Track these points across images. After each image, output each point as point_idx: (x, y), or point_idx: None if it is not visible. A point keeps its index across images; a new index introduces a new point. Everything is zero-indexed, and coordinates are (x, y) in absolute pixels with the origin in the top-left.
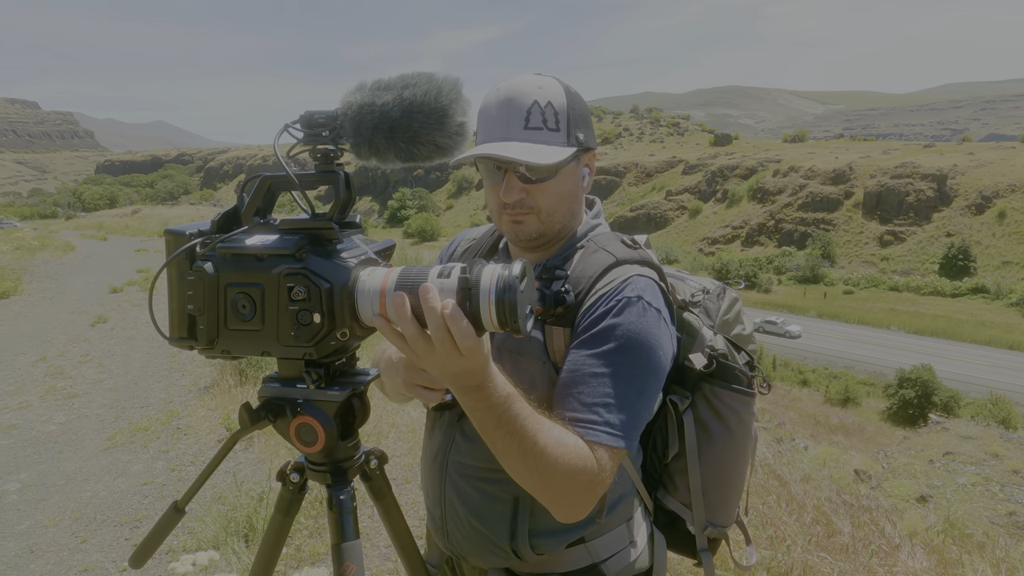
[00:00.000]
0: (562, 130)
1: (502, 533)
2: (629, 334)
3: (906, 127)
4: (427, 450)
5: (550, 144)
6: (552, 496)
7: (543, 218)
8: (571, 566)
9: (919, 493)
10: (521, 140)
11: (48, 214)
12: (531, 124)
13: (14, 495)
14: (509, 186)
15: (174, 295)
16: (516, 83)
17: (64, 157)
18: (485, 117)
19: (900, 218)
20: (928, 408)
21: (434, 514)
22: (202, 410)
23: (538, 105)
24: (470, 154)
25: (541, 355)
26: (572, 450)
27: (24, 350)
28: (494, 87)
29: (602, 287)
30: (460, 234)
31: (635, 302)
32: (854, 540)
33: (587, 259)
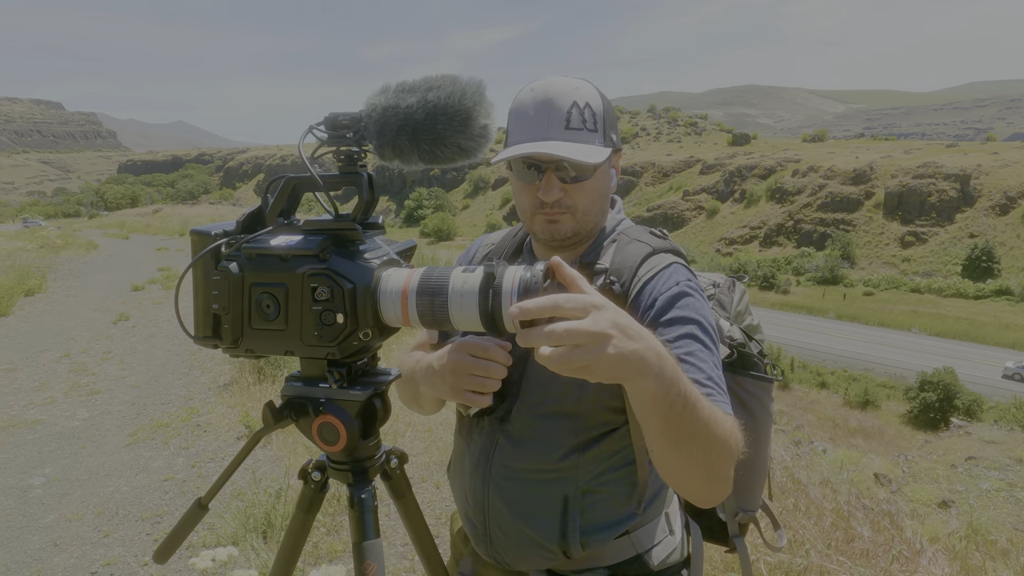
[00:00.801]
0: (599, 131)
1: (552, 533)
2: (696, 316)
3: (928, 126)
4: (464, 457)
5: (587, 143)
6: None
7: (578, 217)
8: (616, 559)
9: (941, 498)
10: (561, 139)
11: (72, 213)
12: (571, 124)
13: (39, 489)
14: (549, 185)
15: (199, 294)
16: (553, 84)
17: (87, 157)
18: (521, 117)
19: (922, 219)
20: (950, 412)
21: (475, 521)
22: (222, 407)
23: (577, 106)
24: (516, 152)
25: None
26: (728, 417)
27: (48, 347)
28: (527, 88)
29: (645, 275)
30: (477, 241)
31: (686, 285)
32: (874, 545)
33: (623, 251)
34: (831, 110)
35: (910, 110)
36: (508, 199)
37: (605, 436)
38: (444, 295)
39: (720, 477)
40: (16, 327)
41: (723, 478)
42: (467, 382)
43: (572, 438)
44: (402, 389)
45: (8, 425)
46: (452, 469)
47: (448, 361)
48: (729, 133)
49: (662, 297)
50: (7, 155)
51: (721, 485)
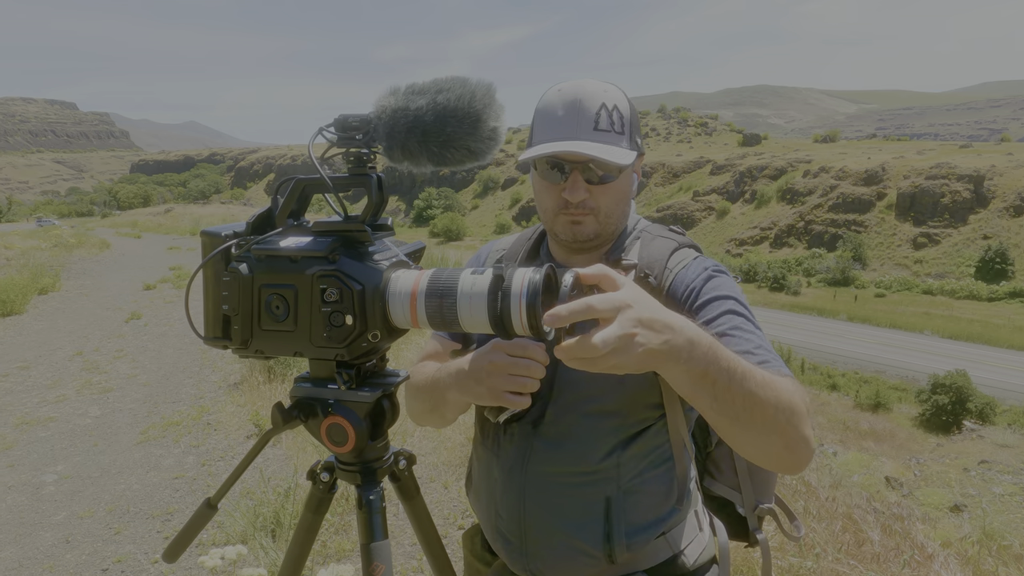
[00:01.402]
0: (626, 133)
1: (596, 538)
2: (732, 293)
3: (942, 127)
4: (493, 469)
5: (615, 145)
6: (790, 438)
7: (601, 219)
8: (654, 560)
9: (953, 502)
10: (590, 140)
11: (85, 212)
12: (600, 126)
13: (51, 486)
14: (575, 185)
15: (209, 295)
16: (582, 86)
17: (100, 157)
18: (549, 117)
19: (935, 220)
20: (963, 415)
21: (509, 535)
22: (232, 406)
23: (605, 108)
24: (546, 151)
25: None
26: (786, 379)
27: (61, 345)
28: (554, 88)
29: (675, 267)
30: (486, 246)
31: (714, 269)
32: (885, 549)
33: (649, 246)
34: (843, 110)
35: (923, 110)
36: (518, 199)
37: (644, 432)
38: (453, 297)
39: (799, 440)
40: (30, 325)
41: (802, 440)
42: (506, 383)
43: (612, 437)
44: (417, 400)
45: (22, 422)
46: (475, 483)
47: (486, 362)
48: (740, 133)
49: (697, 280)
50: (22, 155)
51: (803, 448)
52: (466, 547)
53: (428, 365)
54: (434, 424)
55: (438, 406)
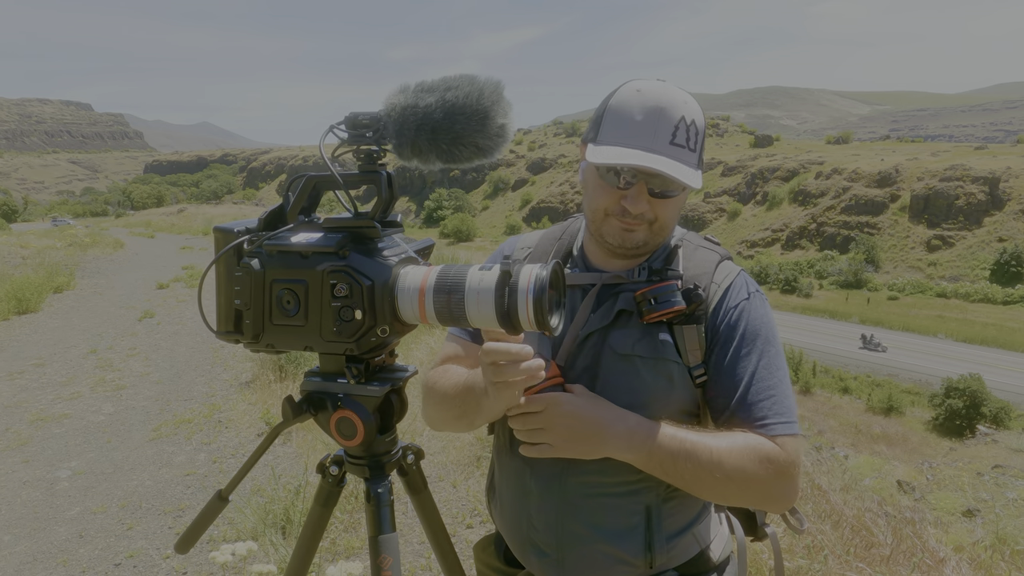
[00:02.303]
0: (696, 151)
1: (637, 547)
2: (767, 325)
3: (956, 128)
4: (527, 480)
5: (687, 163)
6: (753, 496)
7: (655, 230)
8: (684, 557)
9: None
10: (666, 155)
11: (99, 212)
12: (676, 140)
13: (65, 482)
14: (638, 197)
15: (222, 290)
16: (664, 92)
17: (115, 157)
18: (625, 120)
19: (949, 222)
20: (976, 419)
21: (545, 547)
22: (243, 404)
23: (684, 121)
24: (624, 161)
25: (674, 356)
26: (746, 448)
27: (76, 343)
28: (631, 88)
29: (720, 282)
30: (508, 243)
31: (757, 295)
32: (895, 552)
33: (693, 257)
34: (856, 111)
35: (938, 111)
36: (528, 200)
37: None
38: (461, 293)
39: (767, 498)
40: (45, 323)
41: (771, 498)
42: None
43: None
44: (442, 407)
45: (37, 419)
46: (500, 494)
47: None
48: (751, 135)
49: (736, 310)
50: (38, 155)
51: (776, 503)
52: (479, 558)
53: (452, 370)
54: (457, 430)
55: (468, 412)
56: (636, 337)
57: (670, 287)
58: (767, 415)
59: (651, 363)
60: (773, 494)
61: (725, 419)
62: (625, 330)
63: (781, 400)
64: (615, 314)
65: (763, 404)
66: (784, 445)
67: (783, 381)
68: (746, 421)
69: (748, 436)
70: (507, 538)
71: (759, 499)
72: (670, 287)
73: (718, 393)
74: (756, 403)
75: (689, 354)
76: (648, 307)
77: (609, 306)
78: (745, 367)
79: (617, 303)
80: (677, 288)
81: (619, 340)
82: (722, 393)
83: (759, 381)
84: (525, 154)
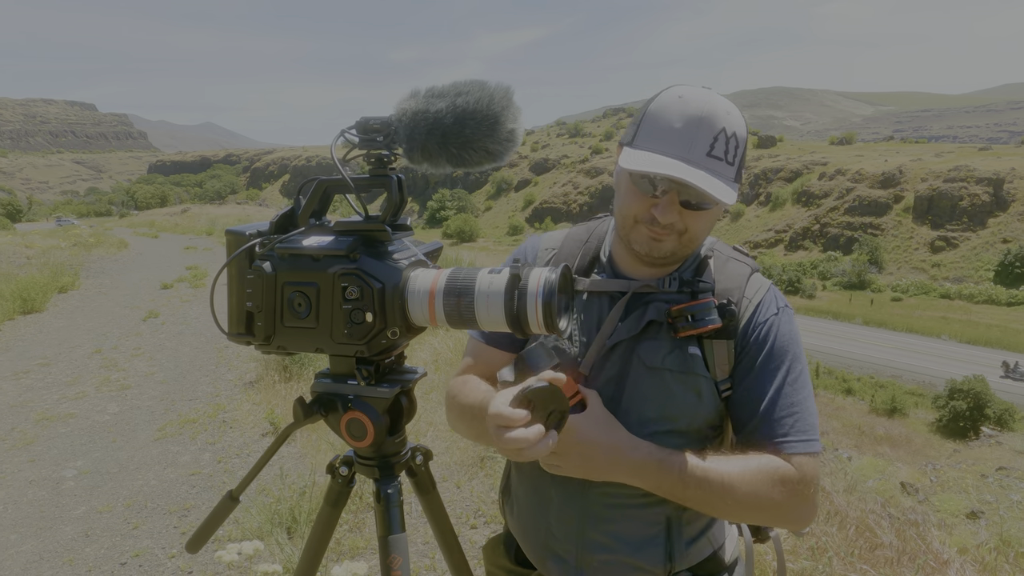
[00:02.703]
0: (735, 165)
1: (657, 557)
2: (794, 342)
3: (961, 129)
4: (551, 488)
5: (724, 178)
6: (768, 518)
7: (684, 241)
8: (698, 558)
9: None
10: (702, 167)
11: (103, 212)
12: (714, 152)
13: (71, 481)
14: (669, 207)
15: (234, 293)
16: (706, 101)
17: (119, 157)
18: (662, 125)
19: (953, 223)
20: (980, 421)
21: (564, 554)
22: (247, 404)
23: (724, 133)
24: (657, 170)
25: (703, 370)
26: (759, 472)
27: (81, 343)
28: (674, 93)
29: (752, 296)
30: (531, 241)
31: (785, 311)
32: (899, 554)
33: (724, 269)
34: (860, 112)
35: (941, 112)
36: (531, 201)
37: (702, 449)
38: (470, 295)
39: (783, 520)
40: (50, 323)
41: (787, 520)
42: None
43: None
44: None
45: (42, 418)
46: (517, 498)
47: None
48: (755, 136)
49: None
50: (42, 155)
51: (791, 522)
52: (488, 558)
53: (471, 383)
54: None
55: (484, 435)
56: (666, 350)
57: (708, 304)
58: (788, 432)
59: (680, 377)
60: (789, 516)
61: (747, 433)
62: (655, 342)
63: (804, 417)
64: (644, 324)
65: (786, 421)
66: (802, 464)
67: (808, 398)
68: (767, 437)
69: (762, 459)
70: (522, 543)
71: (774, 521)
72: (708, 304)
73: (742, 407)
74: (779, 419)
75: (717, 368)
76: (684, 324)
77: (638, 316)
78: (770, 383)
79: (647, 313)
80: (713, 305)
81: (649, 352)
82: (746, 407)
83: (784, 397)
84: (528, 155)
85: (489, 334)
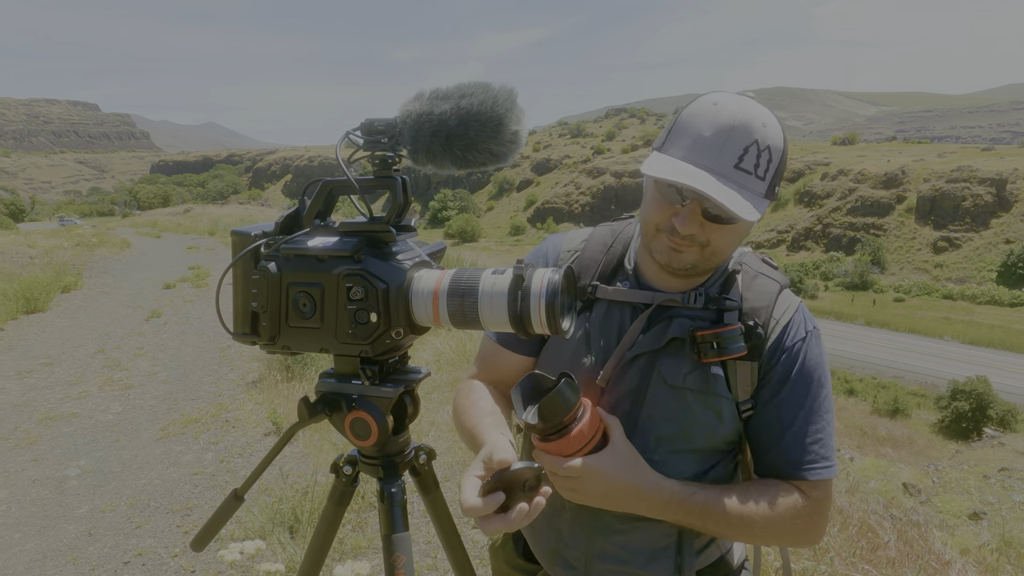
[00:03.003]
0: (766, 179)
1: (667, 569)
2: (821, 368)
3: (963, 129)
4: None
5: (753, 192)
6: (784, 544)
7: (706, 254)
8: (706, 562)
9: (972, 509)
10: (727, 179)
11: (106, 212)
12: (743, 164)
13: (74, 480)
14: (690, 218)
15: (239, 293)
16: (740, 110)
17: (121, 157)
18: (692, 132)
19: (955, 224)
20: (983, 422)
21: (574, 562)
22: (250, 404)
23: (757, 146)
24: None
25: (725, 392)
26: (776, 506)
27: (83, 342)
28: (709, 101)
29: (780, 317)
30: (552, 242)
31: (814, 334)
32: (901, 555)
33: (752, 286)
34: (862, 112)
35: (944, 112)
36: (533, 201)
37: (718, 463)
38: (474, 296)
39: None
40: (53, 322)
41: (801, 543)
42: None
43: (689, 470)
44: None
45: (46, 417)
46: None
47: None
48: None
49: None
50: (45, 155)
51: (804, 545)
52: (496, 557)
53: (472, 398)
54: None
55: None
56: (688, 368)
57: (734, 332)
58: (811, 459)
59: (702, 397)
60: (803, 541)
61: (769, 458)
62: (676, 359)
63: (826, 442)
64: (667, 340)
65: (810, 447)
66: (821, 488)
67: (830, 423)
68: (790, 464)
69: (780, 492)
70: (532, 545)
71: (788, 544)
72: (734, 332)
73: (764, 430)
74: (803, 446)
75: (740, 389)
76: (709, 350)
77: (661, 329)
78: (797, 410)
79: (670, 328)
80: (740, 331)
81: (670, 369)
82: (770, 432)
83: (808, 424)
84: (530, 155)
85: (501, 335)
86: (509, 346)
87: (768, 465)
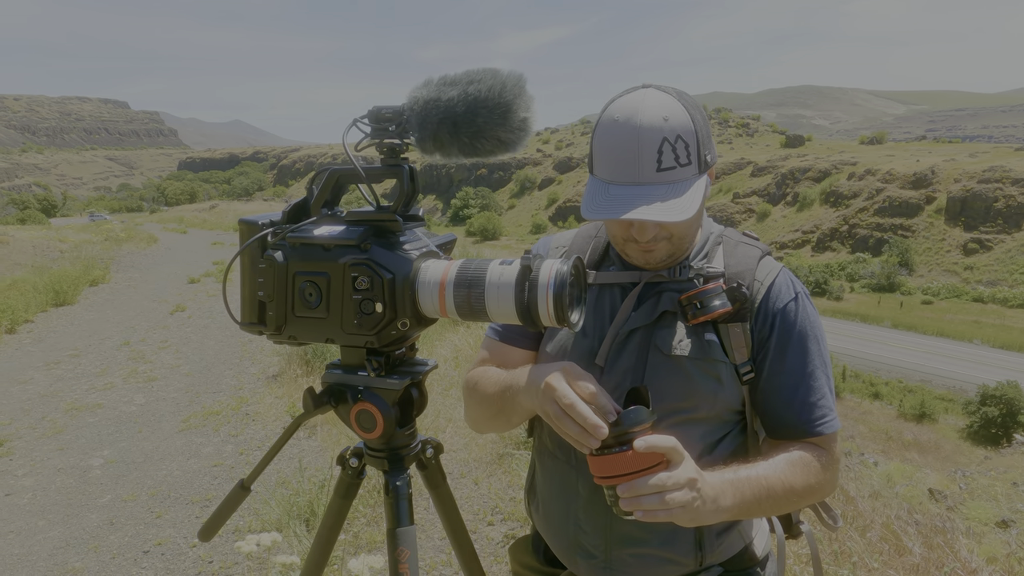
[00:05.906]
0: (693, 161)
1: (687, 547)
2: (814, 326)
3: (996, 129)
4: (578, 483)
5: (684, 180)
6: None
7: (675, 243)
8: (729, 553)
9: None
10: (656, 184)
11: (134, 208)
12: (664, 164)
13: (98, 470)
14: (643, 229)
15: (246, 282)
16: (638, 112)
17: (150, 154)
18: (608, 154)
19: (987, 225)
20: (1013, 427)
21: (593, 549)
22: (270, 397)
23: (668, 141)
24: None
25: (721, 355)
26: (804, 465)
27: (110, 335)
28: (610, 119)
29: (765, 279)
30: (542, 242)
31: (802, 294)
32: (926, 562)
33: (735, 253)
34: (891, 111)
35: (976, 111)
36: (554, 199)
37: (727, 435)
38: (481, 287)
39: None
40: (81, 315)
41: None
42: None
43: (700, 443)
44: (481, 406)
45: (72, 408)
46: (542, 496)
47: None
48: (782, 135)
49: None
50: (76, 152)
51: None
52: (515, 559)
53: (491, 371)
54: (497, 430)
55: (505, 409)
56: (682, 337)
57: (715, 290)
58: (819, 415)
59: (699, 363)
60: (827, 491)
61: (780, 420)
62: (671, 330)
63: (829, 396)
64: (659, 315)
65: (817, 405)
66: (833, 442)
67: (830, 377)
68: (801, 423)
69: (802, 450)
70: (549, 540)
71: (818, 499)
72: (715, 290)
73: (770, 394)
74: (810, 405)
75: (735, 352)
76: (694, 311)
77: (652, 305)
78: (797, 370)
79: (661, 303)
80: (722, 289)
81: (665, 340)
82: (774, 394)
83: (811, 383)
84: (552, 153)
85: (505, 331)
86: (511, 340)
87: (780, 428)
